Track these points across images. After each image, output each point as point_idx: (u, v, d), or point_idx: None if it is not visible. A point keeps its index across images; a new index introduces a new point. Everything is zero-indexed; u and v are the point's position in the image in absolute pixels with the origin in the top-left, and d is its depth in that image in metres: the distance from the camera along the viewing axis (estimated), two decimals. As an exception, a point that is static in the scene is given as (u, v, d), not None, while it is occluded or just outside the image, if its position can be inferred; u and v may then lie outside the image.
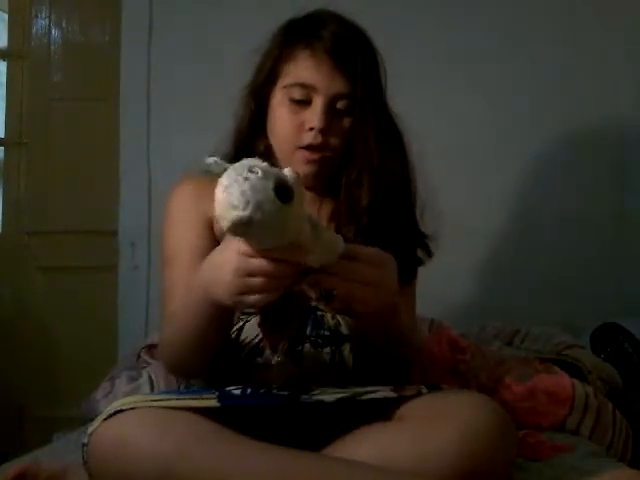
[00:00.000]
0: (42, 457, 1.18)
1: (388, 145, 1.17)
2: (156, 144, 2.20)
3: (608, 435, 1.36)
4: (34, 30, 2.45)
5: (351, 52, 1.14)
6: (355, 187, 1.16)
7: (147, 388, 1.53)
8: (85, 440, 0.87)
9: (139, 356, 1.66)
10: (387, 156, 1.17)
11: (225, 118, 1.35)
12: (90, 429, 0.87)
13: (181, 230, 1.16)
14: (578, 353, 1.61)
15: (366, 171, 1.16)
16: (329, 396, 0.93)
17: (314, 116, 1.12)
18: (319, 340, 1.06)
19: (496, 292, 2.11)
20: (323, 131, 1.12)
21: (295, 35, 1.17)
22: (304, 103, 1.13)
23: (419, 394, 0.95)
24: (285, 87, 1.14)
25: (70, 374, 2.34)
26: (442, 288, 1.95)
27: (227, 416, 0.88)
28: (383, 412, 0.93)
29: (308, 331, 1.06)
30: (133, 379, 1.57)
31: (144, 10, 2.23)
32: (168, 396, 0.89)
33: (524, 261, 2.13)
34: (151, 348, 1.65)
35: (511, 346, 1.71)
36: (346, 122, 1.15)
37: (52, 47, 2.45)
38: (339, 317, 1.09)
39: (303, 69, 1.13)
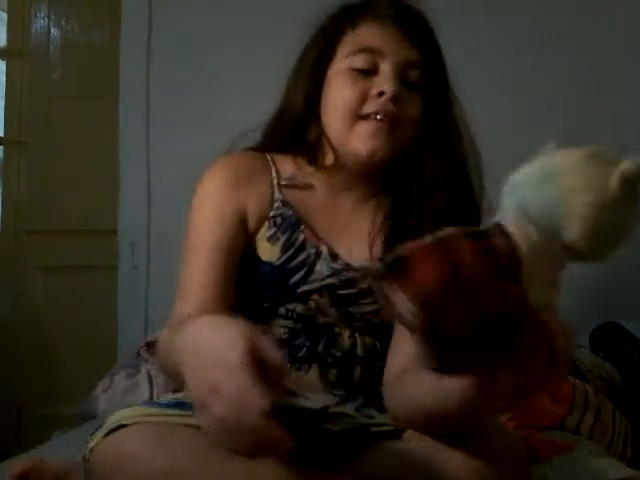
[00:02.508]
0: (41, 455, 1.18)
1: (460, 133, 1.03)
2: (156, 144, 2.20)
3: (608, 434, 1.36)
4: (33, 29, 2.46)
5: (417, 20, 1.00)
6: (430, 184, 1.00)
7: (146, 384, 1.53)
8: (86, 455, 0.85)
9: (138, 353, 1.66)
10: (461, 149, 1.02)
11: (225, 118, 1.35)
12: (91, 444, 0.84)
13: (209, 222, 1.01)
14: (578, 352, 1.62)
15: (444, 165, 1.00)
16: (336, 425, 0.89)
17: (384, 80, 0.95)
18: (329, 360, 0.98)
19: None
20: (395, 98, 0.95)
21: (351, 8, 1.03)
22: (369, 73, 0.97)
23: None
24: (346, 56, 0.99)
25: (69, 373, 2.34)
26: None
27: None
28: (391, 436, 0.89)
29: (320, 348, 0.98)
30: (132, 375, 1.57)
31: (143, 9, 2.23)
32: (168, 410, 0.87)
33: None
34: (150, 346, 1.65)
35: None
36: (417, 99, 0.99)
37: (51, 46, 2.46)
38: (357, 337, 1.00)
39: (366, 34, 0.99)
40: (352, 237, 1.01)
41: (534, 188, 0.64)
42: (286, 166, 1.05)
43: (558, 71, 2.15)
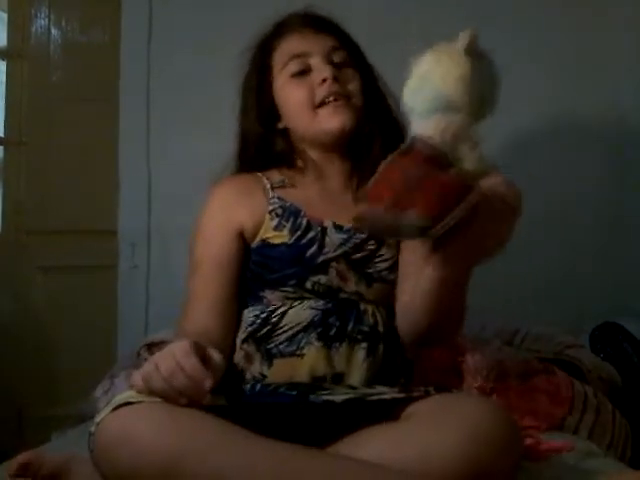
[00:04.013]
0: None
1: (384, 98, 1.23)
2: (156, 144, 2.20)
3: (607, 435, 1.36)
4: (34, 30, 2.45)
5: (325, 19, 1.23)
6: (368, 140, 1.19)
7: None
8: (92, 429, 0.88)
9: (139, 354, 1.66)
10: (388, 108, 1.21)
11: (225, 119, 1.35)
12: (98, 418, 0.87)
13: (208, 238, 1.18)
14: (578, 353, 1.62)
15: (377, 124, 1.19)
16: (337, 396, 0.93)
17: (319, 70, 1.16)
18: (358, 336, 1.10)
19: (496, 292, 2.10)
20: (335, 78, 1.15)
21: (270, 34, 1.24)
22: (305, 73, 1.17)
23: (427, 394, 0.95)
24: (281, 70, 1.19)
25: (69, 374, 2.34)
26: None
27: (235, 413, 0.88)
28: (390, 412, 0.93)
29: (349, 327, 1.10)
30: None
31: (144, 10, 2.23)
32: None
33: (524, 261, 2.13)
34: (151, 346, 1.65)
35: (511, 346, 1.70)
36: (352, 72, 1.19)
37: (52, 47, 2.45)
38: (377, 314, 1.13)
39: (289, 45, 1.19)
40: (346, 208, 1.13)
41: (418, 94, 0.85)
42: (274, 175, 1.23)
43: (557, 70, 2.15)
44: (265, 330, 1.12)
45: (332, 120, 1.15)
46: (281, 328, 1.11)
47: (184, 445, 0.80)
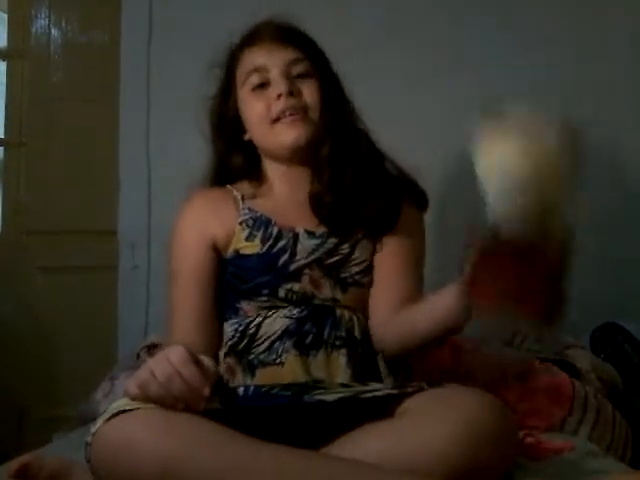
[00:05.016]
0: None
1: (343, 106, 1.22)
2: (156, 144, 2.20)
3: (608, 435, 1.36)
4: (34, 30, 2.45)
5: (290, 29, 1.21)
6: (321, 146, 1.18)
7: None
8: (89, 439, 0.87)
9: (139, 356, 1.66)
10: (345, 116, 1.22)
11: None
12: (94, 428, 0.87)
13: (182, 251, 1.19)
14: (578, 353, 1.61)
15: (329, 129, 1.18)
16: (331, 395, 0.93)
17: (276, 85, 1.15)
18: (336, 342, 1.09)
19: (496, 292, 2.10)
20: (291, 92, 1.14)
21: (233, 50, 1.25)
22: (264, 86, 1.17)
23: (420, 390, 0.95)
24: (242, 84, 1.19)
25: (70, 374, 2.34)
26: (442, 288, 1.94)
27: (230, 416, 0.88)
28: (385, 409, 0.93)
29: (325, 334, 1.09)
30: (132, 379, 1.57)
31: (144, 10, 2.23)
32: None
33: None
34: (151, 348, 1.65)
35: (511, 346, 1.70)
36: (312, 83, 1.18)
37: (52, 47, 2.46)
38: (354, 318, 1.13)
39: (249, 58, 1.19)
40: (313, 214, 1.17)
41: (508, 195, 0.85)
42: (244, 187, 1.23)
43: (557, 70, 2.15)
44: (244, 343, 1.12)
45: (287, 135, 1.15)
46: (259, 339, 1.11)
47: (183, 450, 0.80)
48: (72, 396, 1.90)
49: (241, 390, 1.02)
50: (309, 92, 1.16)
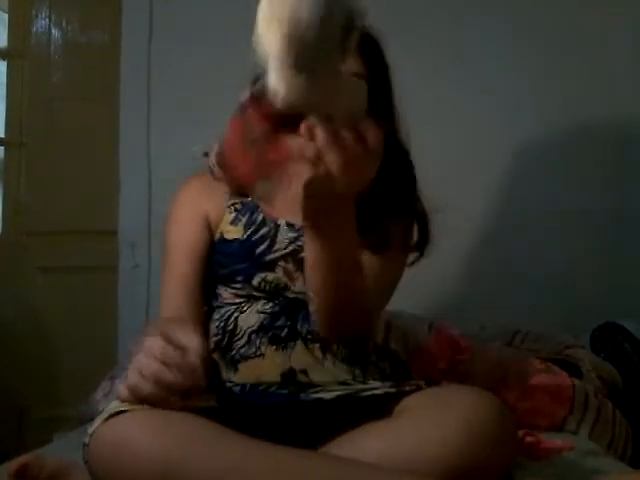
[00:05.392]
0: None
1: (395, 130, 1.17)
2: (156, 144, 2.20)
3: (608, 435, 1.36)
4: (34, 30, 2.46)
5: (365, 34, 1.08)
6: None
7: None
8: (86, 440, 0.87)
9: (139, 355, 1.66)
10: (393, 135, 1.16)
11: (225, 119, 1.35)
12: (91, 429, 0.87)
13: (177, 228, 1.20)
14: (578, 353, 1.61)
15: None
16: (328, 394, 0.93)
17: None
18: (309, 336, 1.09)
19: (496, 292, 2.10)
20: None
21: None
22: None
23: (418, 389, 0.95)
24: None
25: (70, 374, 2.34)
26: (442, 288, 1.95)
27: (227, 414, 0.88)
28: (383, 408, 0.93)
29: (299, 327, 1.09)
30: (133, 378, 1.57)
31: (144, 10, 2.23)
32: None
33: (524, 261, 2.13)
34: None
35: (511, 346, 1.70)
36: None
37: (52, 47, 2.46)
38: None
39: None
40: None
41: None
42: None
43: (557, 69, 2.15)
44: (226, 339, 1.12)
45: None
46: (237, 334, 1.11)
47: (180, 450, 0.80)
48: (72, 396, 1.90)
49: (238, 388, 1.02)
50: None
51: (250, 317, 1.11)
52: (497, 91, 2.14)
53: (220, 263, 1.15)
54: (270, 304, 1.12)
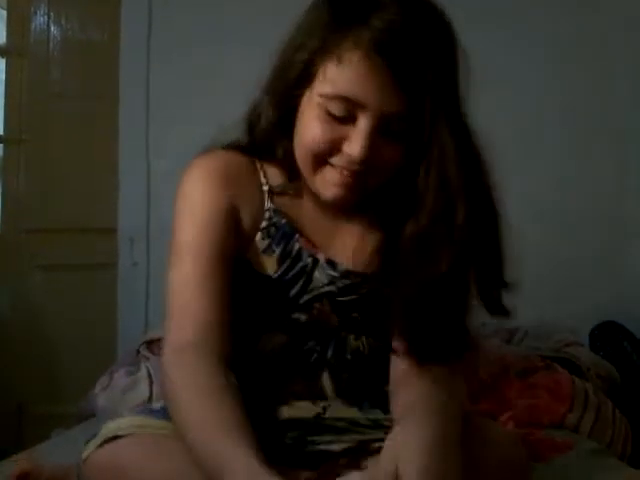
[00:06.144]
0: (41, 453, 1.18)
1: (474, 183, 0.90)
2: (155, 141, 2.20)
3: (608, 433, 1.36)
4: (33, 27, 2.45)
5: (416, 55, 0.83)
6: (429, 240, 0.88)
7: (145, 382, 1.53)
8: (80, 464, 0.85)
9: (138, 351, 1.66)
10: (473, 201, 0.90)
11: (226, 118, 1.34)
12: (85, 453, 0.84)
13: (200, 225, 0.93)
14: (577, 351, 1.62)
15: (443, 221, 0.87)
16: (337, 445, 0.89)
17: (355, 143, 0.85)
18: (340, 364, 0.96)
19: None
20: (364, 161, 0.86)
21: (341, 22, 0.85)
22: (345, 119, 0.86)
23: None
24: (322, 96, 0.86)
25: (69, 371, 2.34)
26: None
27: None
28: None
29: (329, 354, 0.96)
30: (131, 373, 1.57)
31: (143, 7, 2.23)
32: (166, 423, 0.85)
33: (524, 261, 2.13)
34: (151, 344, 1.65)
35: (511, 344, 1.71)
36: (397, 147, 0.88)
37: (51, 44, 2.45)
38: (363, 339, 0.98)
39: (349, 77, 0.84)
40: (345, 244, 0.98)
41: None
42: (274, 172, 0.99)
43: (558, 70, 2.15)
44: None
45: (329, 188, 0.90)
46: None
47: (181, 476, 0.78)
48: (71, 393, 1.90)
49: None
50: (387, 155, 0.88)
51: (274, 338, 0.96)
52: (497, 91, 2.15)
53: (247, 294, 0.95)
54: (297, 327, 0.96)
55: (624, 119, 2.17)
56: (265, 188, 0.97)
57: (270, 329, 0.96)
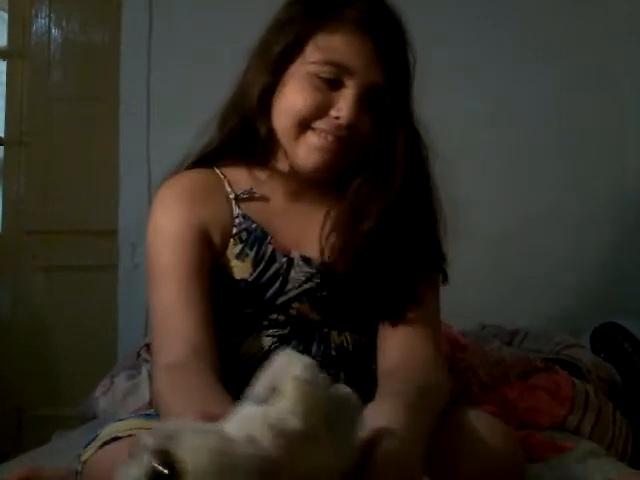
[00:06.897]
0: (42, 456, 1.18)
1: (414, 155, 1.00)
2: (156, 143, 2.20)
3: (608, 434, 1.36)
4: (34, 29, 2.45)
5: (393, 33, 0.97)
6: (364, 201, 0.98)
7: (146, 385, 1.53)
8: (79, 468, 0.85)
9: (139, 354, 1.66)
10: (412, 170, 0.99)
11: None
12: (84, 456, 0.84)
13: (172, 249, 0.96)
14: (578, 353, 1.61)
15: (383, 184, 0.98)
16: None
17: (344, 106, 0.93)
18: (325, 361, 0.96)
19: (496, 292, 2.11)
20: (350, 126, 0.94)
21: (328, 3, 0.96)
22: (332, 83, 0.94)
23: None
24: (312, 62, 0.95)
25: (69, 374, 2.34)
26: (442, 287, 1.94)
27: None
28: None
29: (314, 350, 0.97)
30: (132, 377, 1.57)
31: (144, 10, 2.24)
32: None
33: (524, 261, 2.13)
34: (151, 347, 1.64)
35: (511, 345, 1.71)
36: (372, 116, 0.97)
37: (52, 46, 2.46)
38: (346, 334, 0.99)
39: (338, 45, 0.94)
40: (318, 236, 1.00)
41: None
42: (239, 178, 1.03)
43: (558, 70, 2.15)
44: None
45: (310, 154, 0.96)
46: (241, 357, 0.98)
47: None
48: (72, 395, 1.90)
49: None
50: (363, 126, 0.96)
51: (256, 342, 0.97)
52: (494, 93, 2.15)
53: (225, 300, 0.97)
54: (278, 327, 0.98)
55: (624, 119, 2.17)
56: (231, 196, 1.01)
57: (251, 333, 0.97)
